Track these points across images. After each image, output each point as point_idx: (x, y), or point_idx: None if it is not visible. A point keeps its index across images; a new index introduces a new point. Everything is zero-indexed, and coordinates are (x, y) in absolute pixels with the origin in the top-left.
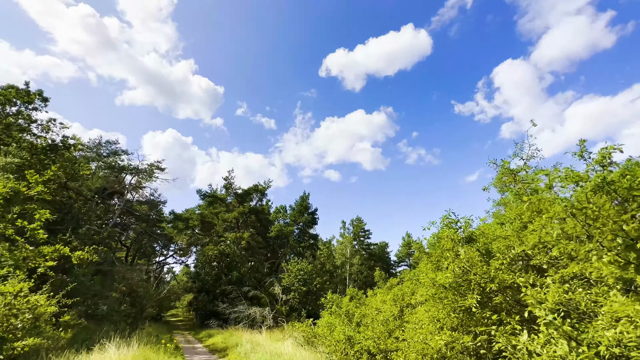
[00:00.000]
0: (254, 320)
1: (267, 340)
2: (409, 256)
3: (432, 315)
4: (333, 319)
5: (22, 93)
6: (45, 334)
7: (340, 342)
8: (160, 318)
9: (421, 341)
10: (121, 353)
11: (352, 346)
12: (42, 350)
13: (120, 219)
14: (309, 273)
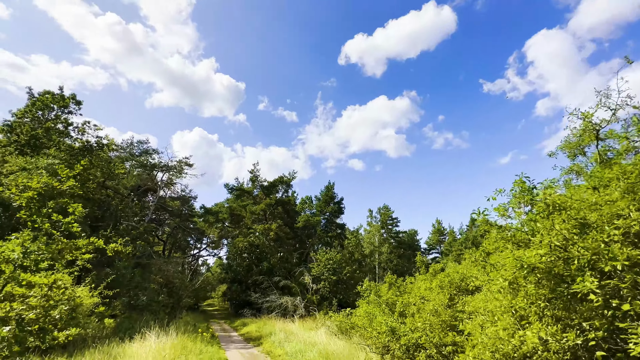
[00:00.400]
0: (286, 310)
1: (300, 329)
2: (440, 243)
3: (509, 305)
4: (372, 308)
5: (57, 98)
6: (88, 324)
7: (383, 333)
8: (197, 308)
9: (495, 337)
10: (161, 341)
11: (398, 339)
12: (89, 339)
13: (155, 215)
14: (338, 262)
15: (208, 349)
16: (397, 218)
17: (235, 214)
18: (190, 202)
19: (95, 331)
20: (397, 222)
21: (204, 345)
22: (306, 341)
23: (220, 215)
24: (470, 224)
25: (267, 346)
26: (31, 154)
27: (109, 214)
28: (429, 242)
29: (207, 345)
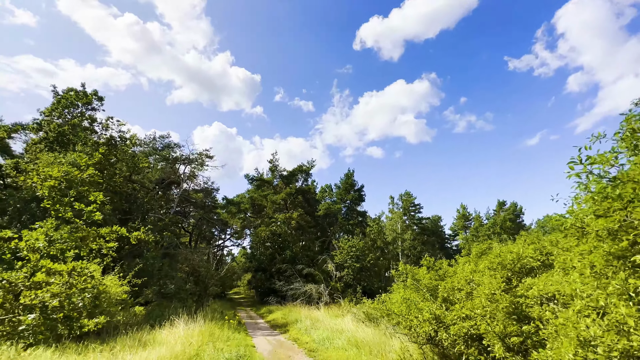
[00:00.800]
0: (310, 297)
1: (325, 316)
2: (466, 229)
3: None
4: (410, 293)
5: (80, 94)
6: (119, 311)
7: (425, 322)
8: (225, 295)
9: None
10: (189, 328)
11: (446, 328)
12: (121, 326)
13: (180, 208)
14: (361, 249)
15: (235, 336)
16: (420, 204)
17: (256, 204)
18: (212, 194)
19: (127, 318)
20: (419, 209)
21: (231, 332)
22: (333, 328)
23: (242, 206)
24: (497, 207)
25: (293, 333)
26: (59, 150)
27: (135, 207)
28: (454, 227)
29: (234, 332)
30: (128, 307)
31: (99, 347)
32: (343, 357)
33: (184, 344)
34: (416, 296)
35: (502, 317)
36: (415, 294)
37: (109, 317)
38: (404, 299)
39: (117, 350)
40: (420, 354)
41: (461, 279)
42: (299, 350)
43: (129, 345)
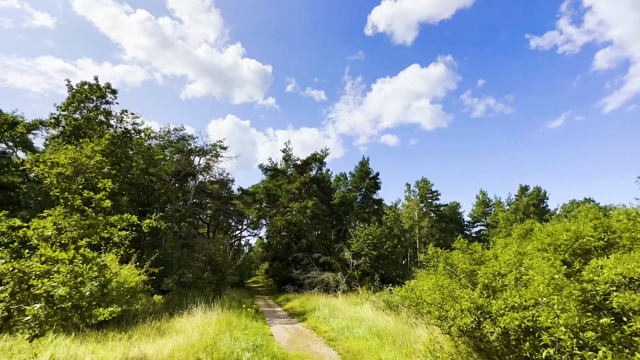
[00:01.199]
0: (328, 285)
1: (344, 304)
2: (486, 215)
3: None
4: (442, 279)
5: (94, 88)
6: (137, 300)
7: (465, 312)
8: (243, 284)
9: None
10: (206, 317)
11: (493, 320)
12: (139, 315)
13: (197, 199)
14: (378, 237)
15: (253, 324)
16: (437, 191)
17: (271, 194)
18: (228, 185)
19: (146, 307)
20: (437, 195)
21: (248, 320)
22: (352, 317)
23: (257, 196)
24: (519, 193)
25: (311, 322)
26: (76, 144)
27: (153, 199)
28: (473, 214)
29: (251, 320)
30: (146, 296)
31: (117, 336)
32: (364, 347)
33: (201, 332)
34: (450, 283)
35: (575, 306)
36: (448, 281)
37: (127, 306)
38: (437, 287)
39: (135, 339)
40: (452, 347)
41: (506, 263)
42: (317, 339)
43: (147, 334)
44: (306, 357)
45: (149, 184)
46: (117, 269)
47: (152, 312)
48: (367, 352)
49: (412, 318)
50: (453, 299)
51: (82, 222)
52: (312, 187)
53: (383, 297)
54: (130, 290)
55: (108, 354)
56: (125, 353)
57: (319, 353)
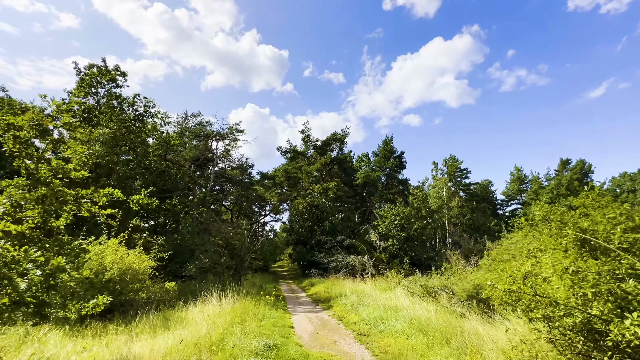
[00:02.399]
0: (354, 269)
1: (373, 290)
2: (522, 193)
3: None
4: (556, 253)
5: (102, 71)
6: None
7: (601, 302)
8: (267, 269)
9: None
10: (222, 305)
11: None
12: (151, 303)
13: (219, 186)
14: (406, 217)
15: (272, 314)
16: (467, 169)
17: (291, 177)
18: (248, 170)
19: (158, 295)
20: (467, 173)
21: (267, 308)
22: (385, 305)
23: (277, 179)
24: (559, 167)
25: (338, 310)
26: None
27: (170, 184)
28: (507, 192)
29: (270, 308)
30: (158, 284)
31: (119, 328)
32: (406, 346)
33: (210, 323)
34: (565, 256)
35: None
36: (561, 254)
37: (134, 294)
38: (573, 272)
39: (137, 332)
40: None
41: None
42: (345, 333)
43: (153, 325)
44: (332, 359)
45: (166, 169)
46: (120, 254)
47: (165, 300)
48: (412, 353)
49: (457, 306)
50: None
51: (34, 193)
52: (333, 169)
53: (421, 282)
54: (134, 277)
55: (98, 353)
56: (116, 352)
57: (348, 353)
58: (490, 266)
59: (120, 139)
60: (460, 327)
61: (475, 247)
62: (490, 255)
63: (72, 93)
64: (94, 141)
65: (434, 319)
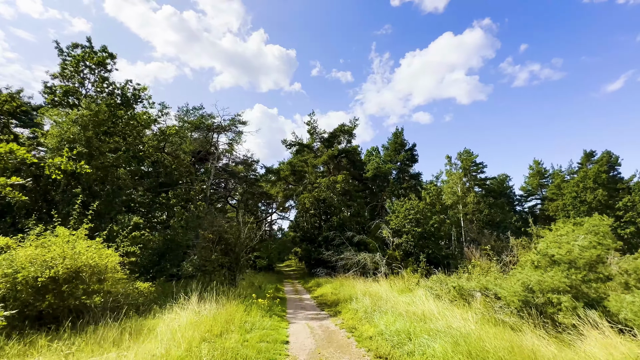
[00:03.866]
0: (364, 267)
1: (389, 292)
2: (542, 187)
3: None
4: None
5: (88, 53)
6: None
7: None
8: (272, 268)
9: None
10: (201, 311)
11: None
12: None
13: (223, 182)
14: (422, 212)
15: (264, 323)
16: (483, 163)
17: (296, 171)
18: (253, 165)
19: (131, 297)
20: (482, 168)
21: (260, 315)
22: (407, 312)
23: (282, 173)
24: (583, 159)
25: (347, 317)
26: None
27: (165, 176)
28: (526, 187)
29: (264, 315)
30: (130, 284)
31: (54, 343)
32: None
33: (176, 340)
34: None
35: None
36: None
37: (86, 297)
38: None
39: (74, 351)
40: None
41: None
42: (358, 354)
43: (102, 339)
44: None
45: (160, 160)
46: (78, 248)
47: (140, 304)
48: None
49: (501, 314)
50: None
51: None
52: (341, 162)
53: (452, 283)
54: (97, 275)
55: None
56: None
57: None
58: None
59: (103, 123)
60: (531, 351)
61: (497, 244)
62: (539, 250)
63: (54, 76)
64: (71, 123)
65: (476, 332)
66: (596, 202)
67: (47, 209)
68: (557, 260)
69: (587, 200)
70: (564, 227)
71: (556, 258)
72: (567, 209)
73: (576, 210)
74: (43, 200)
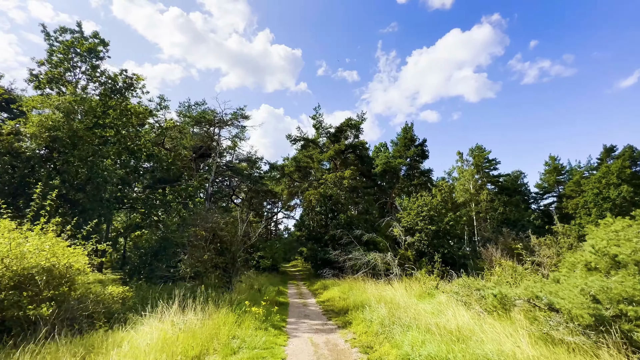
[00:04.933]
0: (375, 269)
1: (406, 297)
2: (559, 184)
3: None
4: None
5: (78, 39)
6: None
7: None
8: (277, 269)
9: None
10: (180, 323)
11: None
12: (80, 317)
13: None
14: (436, 209)
15: (256, 339)
16: (496, 159)
17: (302, 167)
18: (257, 163)
19: (101, 305)
20: (495, 164)
21: (253, 327)
22: (438, 326)
23: (286, 169)
24: (603, 155)
25: (360, 330)
26: None
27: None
28: (541, 184)
29: (258, 327)
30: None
31: None
32: None
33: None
34: None
35: None
36: None
37: (33, 308)
38: None
39: None
40: None
41: None
42: None
43: None
44: None
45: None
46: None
47: (110, 313)
48: None
49: (561, 331)
50: None
51: None
52: (348, 157)
53: (492, 290)
54: (24, 277)
55: None
56: None
57: None
58: None
59: (92, 112)
60: None
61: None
62: (597, 249)
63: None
64: (52, 109)
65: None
66: (620, 199)
67: (25, 202)
68: (621, 262)
69: (610, 197)
70: (616, 222)
71: (620, 259)
72: (588, 207)
73: (598, 208)
74: (21, 194)
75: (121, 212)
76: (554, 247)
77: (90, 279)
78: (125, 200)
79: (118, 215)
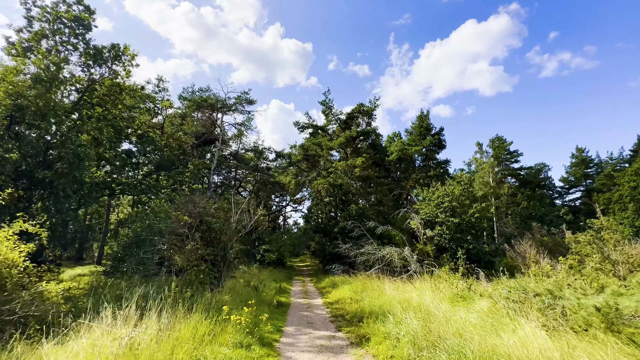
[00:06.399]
0: (390, 264)
1: (435, 301)
2: (587, 178)
3: None
4: None
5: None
6: None
7: None
8: (283, 263)
9: None
10: (120, 336)
11: None
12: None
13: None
14: (458, 199)
15: None
16: (517, 150)
17: (310, 155)
18: (264, 153)
19: (33, 308)
20: (517, 156)
21: (233, 343)
22: (509, 358)
23: (294, 157)
24: (638, 146)
25: (382, 352)
26: None
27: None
28: (567, 178)
29: (238, 344)
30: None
31: None
32: None
33: None
34: None
35: None
36: None
37: None
38: None
39: None
40: None
41: None
42: None
43: None
44: None
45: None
46: None
47: (44, 319)
48: None
49: None
50: None
51: None
52: (360, 145)
53: (595, 300)
54: None
55: None
56: None
57: None
58: None
59: (67, 82)
60: None
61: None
62: None
63: (19, 30)
64: (16, 75)
65: None
66: None
67: None
68: None
69: None
70: None
71: None
72: (623, 201)
73: (635, 202)
74: None
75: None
76: (596, 244)
77: (14, 273)
78: (113, 186)
79: (124, 208)
